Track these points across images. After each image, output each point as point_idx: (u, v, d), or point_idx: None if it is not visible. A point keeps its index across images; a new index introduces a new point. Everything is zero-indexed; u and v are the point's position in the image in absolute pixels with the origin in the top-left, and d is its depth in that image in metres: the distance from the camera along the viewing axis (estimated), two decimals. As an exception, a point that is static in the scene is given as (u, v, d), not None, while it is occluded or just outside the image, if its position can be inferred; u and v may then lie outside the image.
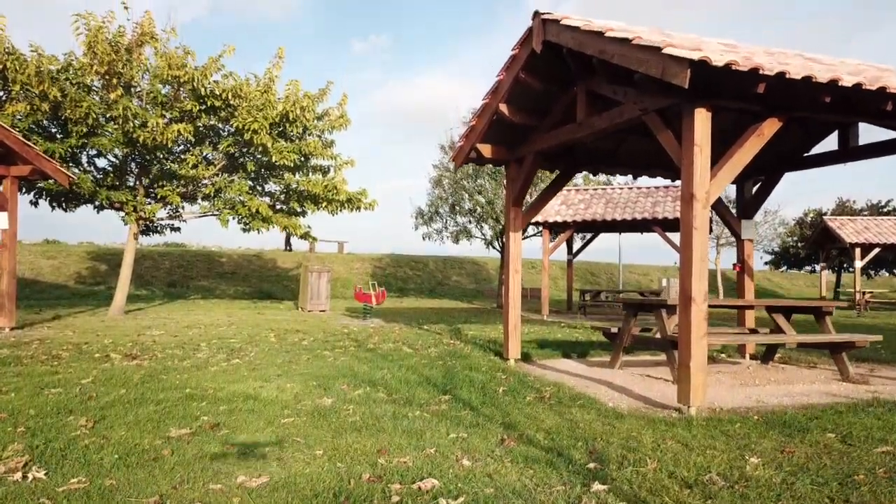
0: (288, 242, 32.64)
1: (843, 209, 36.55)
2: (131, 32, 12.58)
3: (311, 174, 14.70)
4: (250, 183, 14.24)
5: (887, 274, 36.59)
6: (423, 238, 19.59)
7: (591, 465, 3.39)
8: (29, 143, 10.12)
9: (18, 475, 3.12)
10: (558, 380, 6.28)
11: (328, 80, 14.16)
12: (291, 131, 13.16)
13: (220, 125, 13.69)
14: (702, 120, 5.02)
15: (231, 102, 12.22)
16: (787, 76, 4.73)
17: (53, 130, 12.76)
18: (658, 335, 6.67)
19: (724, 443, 3.87)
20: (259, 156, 13.56)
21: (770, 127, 5.28)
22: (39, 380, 5.93)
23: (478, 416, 4.51)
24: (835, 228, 24.77)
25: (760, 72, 4.65)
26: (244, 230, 14.59)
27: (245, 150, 13.56)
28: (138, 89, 12.47)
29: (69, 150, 12.19)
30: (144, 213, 13.31)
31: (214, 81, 12.16)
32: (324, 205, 14.40)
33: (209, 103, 12.13)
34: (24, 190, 12.10)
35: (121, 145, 12.02)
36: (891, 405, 5.09)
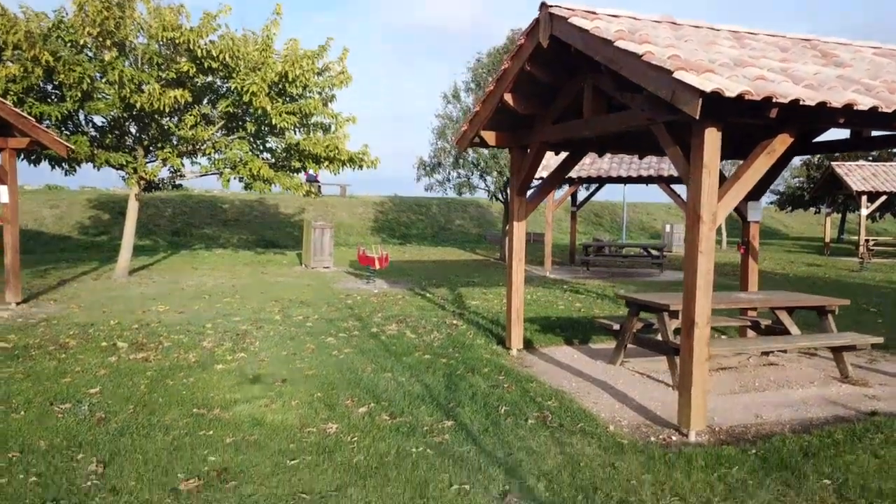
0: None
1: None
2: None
3: (311, 132, 14.46)
4: (250, 143, 14.02)
5: (894, 218, 36.39)
6: (426, 189, 19.46)
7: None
8: (25, 115, 9.92)
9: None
10: (559, 386, 6.34)
11: (328, 37, 13.75)
12: (291, 91, 12.87)
13: (218, 82, 13.39)
14: (711, 140, 4.87)
15: (228, 63, 11.90)
16: (802, 103, 4.56)
17: (49, 91, 12.48)
18: (660, 337, 6.68)
19: (723, 497, 3.93)
20: (259, 116, 13.29)
21: (782, 143, 5.13)
22: (48, 386, 6.01)
23: (480, 452, 4.57)
24: (842, 175, 24.49)
25: (774, 100, 4.49)
26: (245, 188, 14.49)
27: (244, 111, 13.30)
28: (133, 48, 12.12)
29: (65, 112, 11.98)
30: (145, 174, 13.18)
31: (211, 41, 11.79)
32: (325, 164, 14.23)
33: (206, 65, 11.82)
34: (21, 157, 11.92)
35: (117, 109, 11.78)
36: (887, 427, 5.14)
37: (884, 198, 24.47)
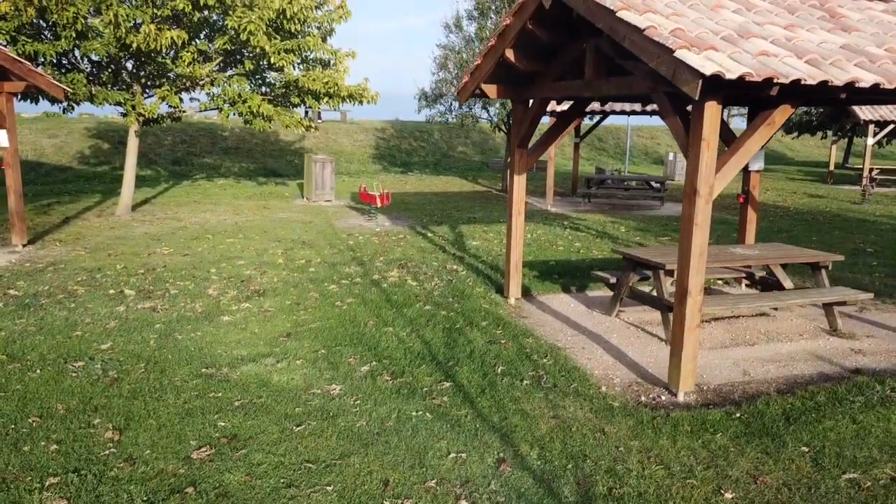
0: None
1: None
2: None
3: (311, 68, 14.22)
4: (249, 79, 13.83)
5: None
6: (427, 121, 19.21)
7: None
8: (21, 59, 9.79)
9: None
10: (555, 341, 6.55)
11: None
12: (289, 27, 12.59)
13: (215, 17, 13.10)
14: (711, 114, 4.88)
15: (224, 1, 11.61)
16: (804, 83, 4.54)
17: (42, 27, 12.24)
18: (655, 293, 6.84)
19: (705, 465, 4.17)
20: (257, 55, 13.06)
21: (782, 114, 5.13)
22: (60, 341, 6.23)
23: (476, 416, 4.81)
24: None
25: (775, 80, 4.46)
26: (245, 124, 14.40)
27: (242, 48, 13.05)
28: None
29: (60, 51, 11.79)
30: (144, 111, 13.09)
31: (206, -23, 11.47)
32: (325, 100, 14.08)
33: (202, 2, 11.53)
34: (19, 97, 11.80)
35: (113, 48, 11.59)
36: (868, 388, 5.35)
37: (892, 126, 24.17)
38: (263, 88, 14.84)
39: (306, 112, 14.17)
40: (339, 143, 27.69)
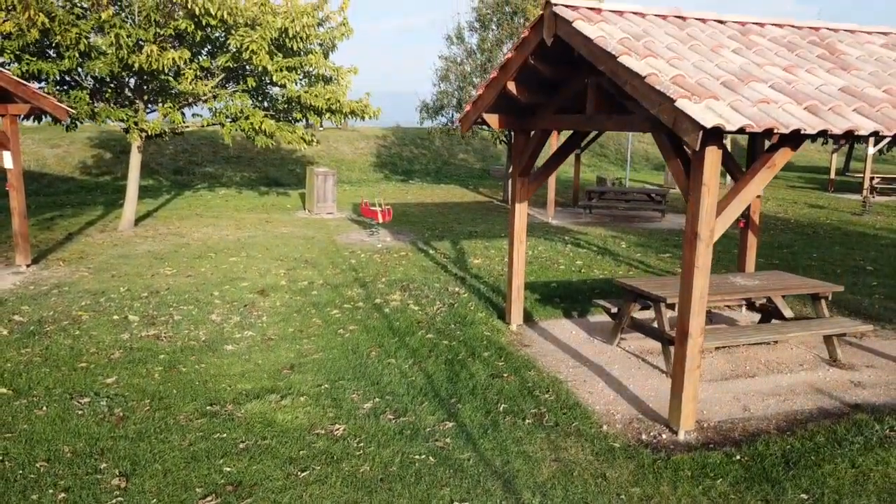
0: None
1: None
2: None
3: (313, 83, 14.27)
4: (251, 95, 13.89)
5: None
6: (429, 132, 19.24)
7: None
8: (25, 83, 9.85)
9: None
10: (556, 373, 6.60)
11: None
12: (291, 45, 12.64)
13: (217, 33, 13.15)
14: (712, 160, 4.92)
15: (227, 20, 11.66)
16: (803, 132, 4.58)
17: (45, 45, 12.29)
18: (655, 324, 6.88)
19: (705, 513, 4.22)
20: (259, 73, 13.12)
21: (783, 157, 5.16)
22: (66, 373, 6.29)
23: (479, 460, 4.85)
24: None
25: (775, 130, 4.51)
26: (247, 139, 14.46)
27: (244, 66, 13.11)
28: (129, 4, 11.85)
29: (63, 69, 11.85)
30: (147, 129, 13.15)
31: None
32: (327, 116, 14.14)
33: (204, 22, 11.58)
34: (22, 117, 11.85)
35: (116, 67, 11.64)
36: (867, 428, 5.40)
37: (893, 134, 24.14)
38: (265, 103, 14.90)
39: (307, 125, 14.23)
40: (341, 152, 27.73)
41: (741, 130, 4.45)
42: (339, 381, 6.27)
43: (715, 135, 4.63)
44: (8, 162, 10.18)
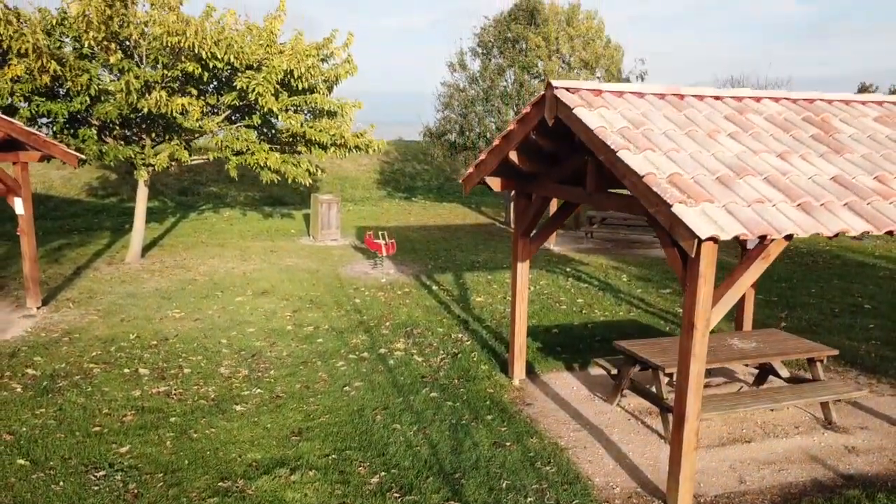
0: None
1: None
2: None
3: (317, 118, 14.47)
4: (256, 129, 14.09)
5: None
6: (432, 158, 19.46)
7: None
8: (36, 132, 10.05)
9: None
10: (558, 439, 6.77)
11: (333, 29, 13.61)
12: (296, 85, 12.83)
13: (225, 74, 13.36)
14: (708, 253, 5.08)
15: (233, 63, 11.86)
16: (797, 236, 4.75)
17: (55, 87, 12.49)
18: (654, 389, 7.05)
19: None
20: (265, 113, 13.33)
21: (777, 247, 5.32)
22: (80, 440, 6.46)
23: (483, 547, 5.03)
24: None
25: (769, 237, 4.68)
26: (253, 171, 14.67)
27: (251, 106, 13.31)
28: (137, 46, 12.03)
29: (73, 111, 12.06)
30: (154, 166, 13.35)
31: (215, 43, 11.69)
32: (331, 150, 14.33)
33: (210, 65, 11.78)
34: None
35: (125, 110, 11.85)
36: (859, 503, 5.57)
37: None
38: (270, 133, 15.08)
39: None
40: (344, 169, 27.92)
41: (736, 238, 4.62)
42: (345, 450, 6.44)
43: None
44: (20, 208, 10.39)
